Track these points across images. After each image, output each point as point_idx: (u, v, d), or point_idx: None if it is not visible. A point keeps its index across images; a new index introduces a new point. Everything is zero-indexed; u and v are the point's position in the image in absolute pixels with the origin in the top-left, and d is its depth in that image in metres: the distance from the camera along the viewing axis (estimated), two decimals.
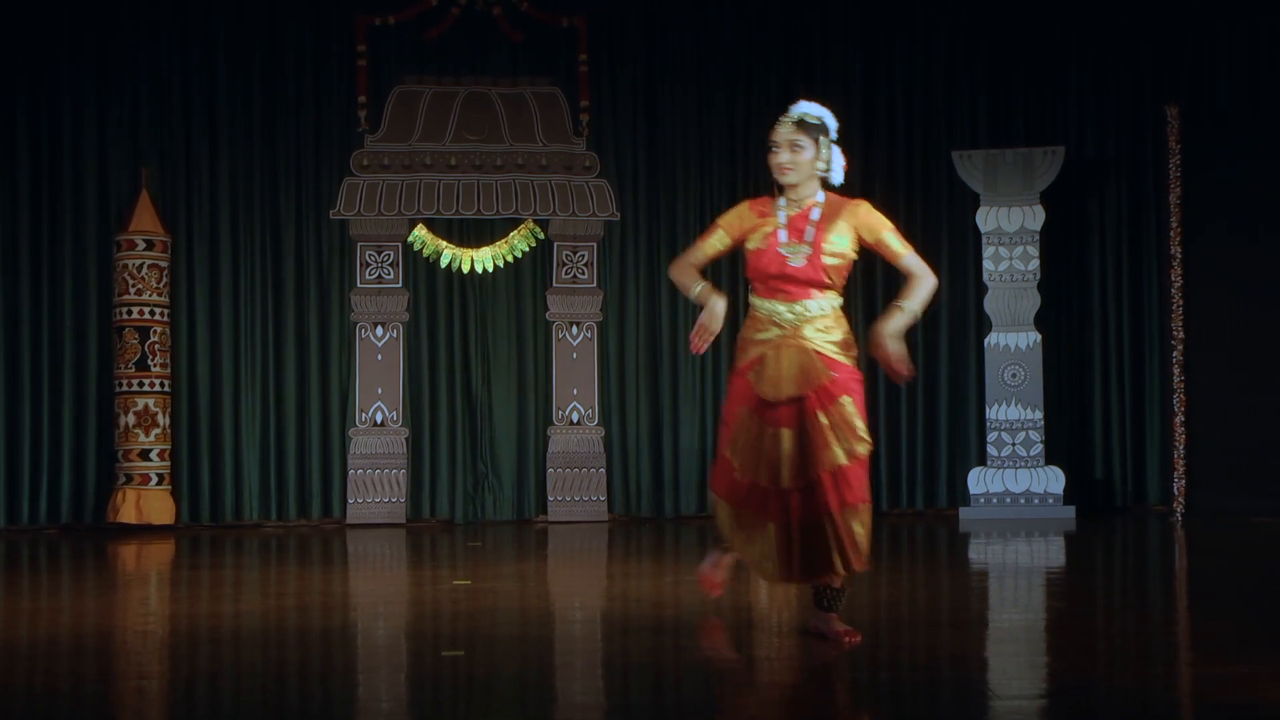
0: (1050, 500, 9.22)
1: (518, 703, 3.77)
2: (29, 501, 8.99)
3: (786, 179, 4.61)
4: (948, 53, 9.78)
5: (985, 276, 9.39)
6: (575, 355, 9.40)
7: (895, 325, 4.48)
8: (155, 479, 8.89)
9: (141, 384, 8.88)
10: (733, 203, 9.55)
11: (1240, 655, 4.18)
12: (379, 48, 9.36)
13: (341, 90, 9.34)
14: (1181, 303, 9.11)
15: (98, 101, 9.12)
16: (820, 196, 4.66)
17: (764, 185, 9.47)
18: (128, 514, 8.81)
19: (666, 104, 9.62)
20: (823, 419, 4.41)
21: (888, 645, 4.52)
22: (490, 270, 9.39)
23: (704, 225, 9.50)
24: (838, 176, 4.67)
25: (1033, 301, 9.33)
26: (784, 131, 4.64)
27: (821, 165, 4.65)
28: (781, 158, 4.61)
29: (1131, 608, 5.52)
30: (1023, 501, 9.24)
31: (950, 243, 9.75)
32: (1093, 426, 9.76)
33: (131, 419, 8.85)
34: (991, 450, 9.31)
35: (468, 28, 9.41)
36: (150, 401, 8.89)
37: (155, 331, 8.93)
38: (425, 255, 9.37)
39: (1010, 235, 9.34)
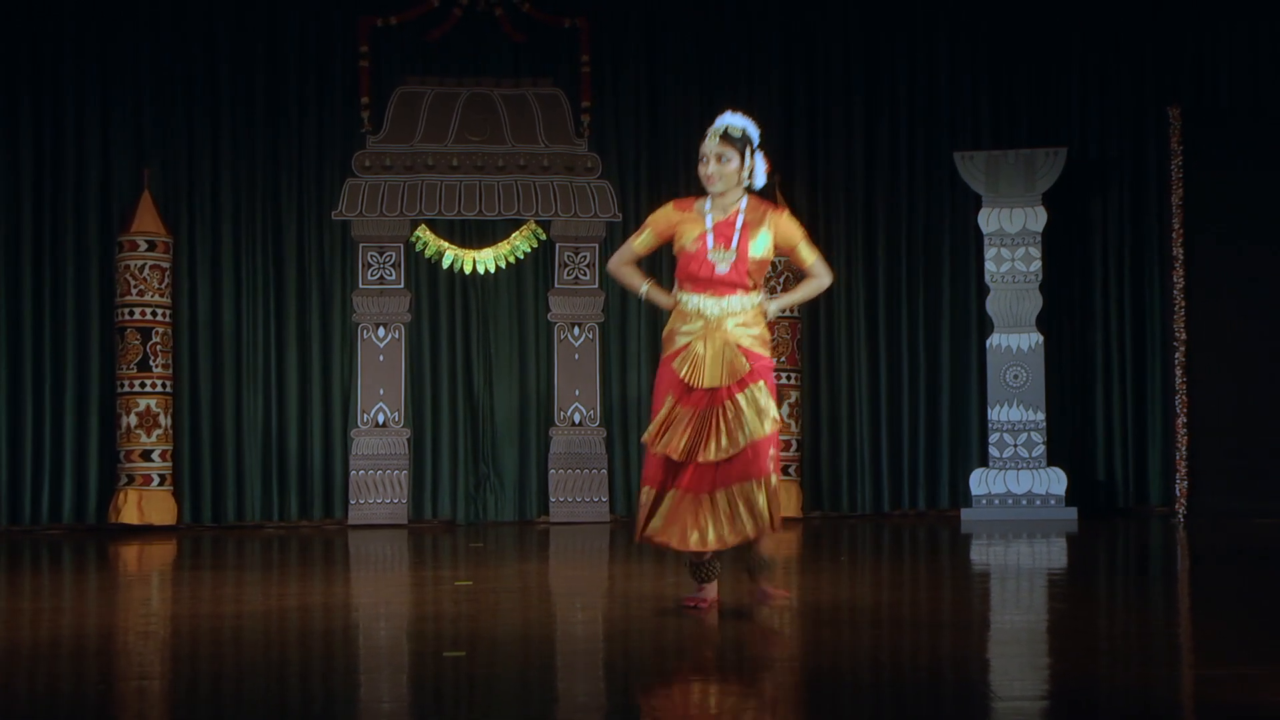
0: (1052, 501, 9.21)
1: (519, 703, 3.77)
2: (31, 502, 8.99)
3: (714, 188, 5.10)
4: (949, 53, 9.78)
5: (987, 278, 9.39)
6: (577, 356, 9.40)
7: (777, 304, 5.20)
8: (157, 480, 8.89)
9: (143, 385, 8.89)
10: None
11: (1242, 657, 4.18)
12: (381, 49, 9.36)
13: (343, 91, 9.34)
14: (1184, 304, 9.11)
15: (100, 102, 9.13)
16: (743, 203, 5.12)
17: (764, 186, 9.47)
18: (130, 515, 8.81)
19: (668, 105, 9.62)
20: (741, 400, 4.98)
21: (889, 646, 4.52)
22: (492, 271, 9.39)
23: None
24: (760, 181, 5.14)
25: (1034, 303, 9.32)
26: (711, 144, 5.11)
27: (745, 175, 5.12)
28: (709, 169, 5.09)
29: (1133, 609, 5.52)
30: (1024, 503, 9.23)
31: (952, 244, 9.75)
32: (1095, 428, 9.75)
33: (133, 419, 8.85)
34: (993, 451, 9.31)
35: (470, 28, 9.41)
36: (152, 402, 8.90)
37: (157, 332, 8.93)
38: (427, 256, 9.37)
39: (1012, 236, 9.34)
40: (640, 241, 5.25)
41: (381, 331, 9.31)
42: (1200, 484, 9.05)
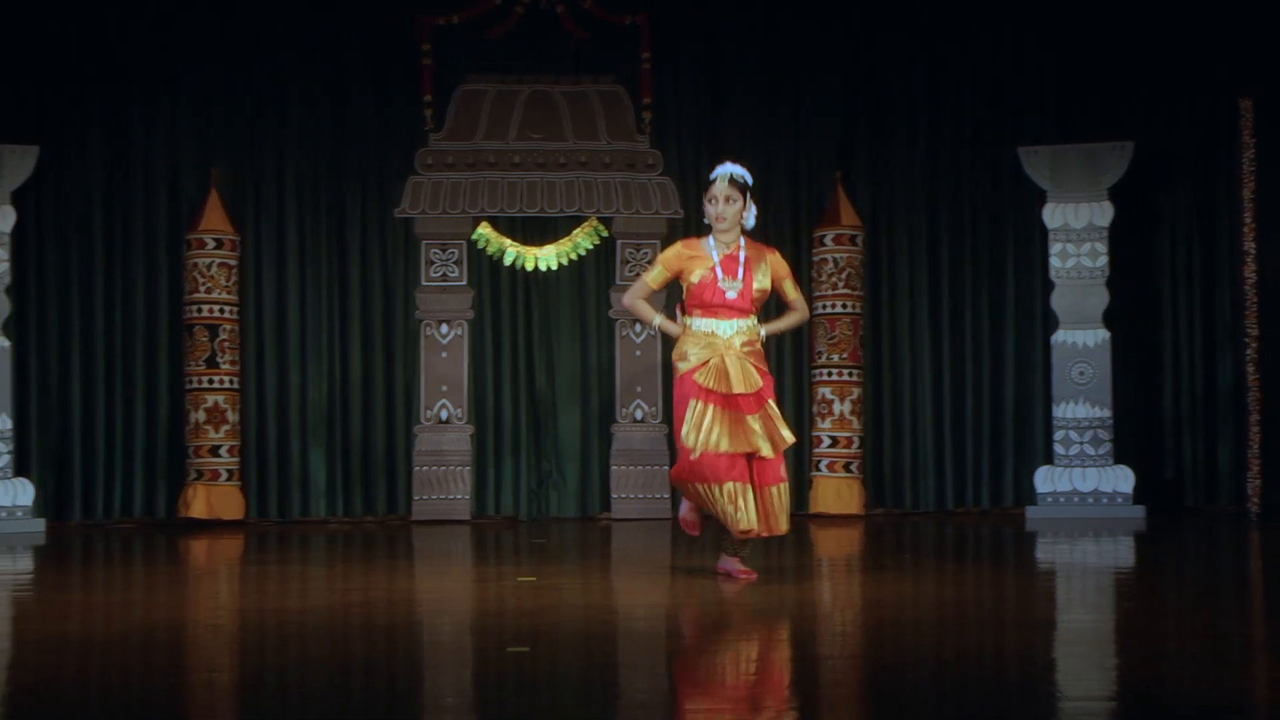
0: (1119, 500, 9.10)
1: (581, 699, 3.78)
2: (104, 496, 9.13)
3: (721, 226, 5.90)
4: (1014, 47, 9.68)
5: (1052, 273, 9.29)
6: (639, 353, 9.40)
7: (771, 327, 6.02)
8: (225, 475, 9.00)
9: (211, 381, 9.00)
10: (795, 199, 9.63)
11: None
12: (443, 47, 9.41)
13: (406, 90, 9.40)
14: (1256, 299, 8.96)
15: (169, 103, 9.24)
16: (742, 241, 5.93)
17: (824, 178, 9.46)
18: (198, 509, 8.92)
19: (729, 100, 9.60)
20: (762, 416, 5.76)
21: (953, 644, 4.49)
22: (554, 268, 9.41)
23: (766, 221, 9.57)
24: (750, 223, 5.96)
25: (1100, 298, 9.21)
26: (721, 187, 5.91)
27: (745, 216, 5.93)
28: (719, 208, 5.89)
29: (1203, 609, 5.44)
30: (1090, 501, 9.13)
31: (1016, 240, 9.66)
32: (1163, 425, 9.63)
33: (201, 415, 8.96)
34: (1059, 449, 9.21)
35: (531, 26, 9.44)
36: (220, 398, 9.00)
37: (224, 329, 9.03)
38: (489, 253, 9.40)
39: (1077, 232, 9.23)
40: (653, 277, 6.00)
41: (444, 328, 9.36)
42: (1273, 482, 8.90)
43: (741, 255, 5.88)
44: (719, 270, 5.84)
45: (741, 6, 9.62)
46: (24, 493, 8.67)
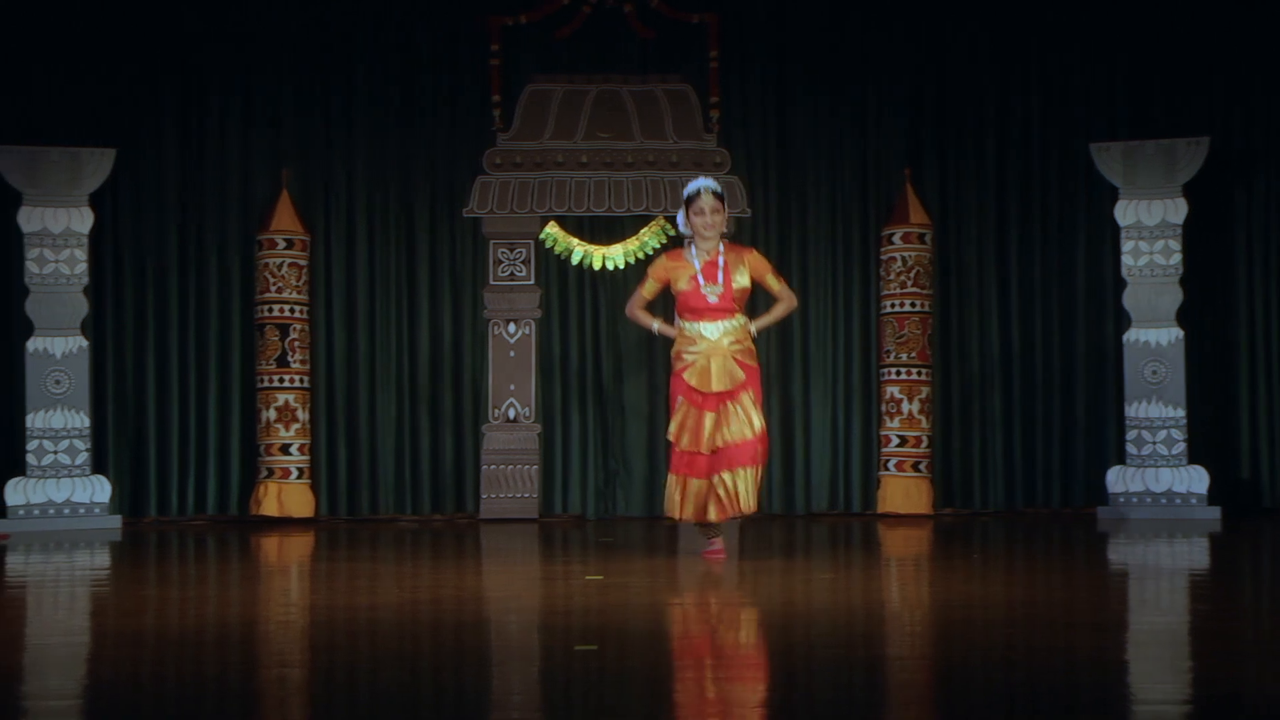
0: (1193, 500, 8.97)
1: (649, 698, 3.78)
2: (177, 493, 9.27)
3: (709, 234, 6.54)
4: (1084, 42, 9.56)
5: (1124, 271, 9.17)
6: None
7: (759, 323, 6.69)
8: (295, 473, 9.09)
9: (282, 380, 9.10)
10: (863, 197, 9.59)
11: None
12: (511, 47, 9.45)
13: (474, 90, 9.45)
14: None
15: (241, 104, 9.36)
16: (721, 247, 6.58)
17: (892, 176, 9.39)
18: (270, 507, 9.03)
19: (797, 99, 9.57)
20: (732, 408, 6.44)
21: (1022, 644, 4.44)
22: (621, 267, 9.42)
23: (835, 220, 9.55)
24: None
25: (1174, 297, 9.08)
26: (708, 200, 6.52)
27: (726, 224, 6.72)
28: (707, 220, 6.52)
29: None
30: (1164, 501, 9.00)
31: (1087, 237, 9.55)
32: (1239, 425, 9.48)
33: (272, 414, 9.07)
34: (1131, 449, 9.09)
35: (598, 26, 9.46)
36: (290, 397, 9.10)
37: (295, 329, 9.13)
38: (557, 252, 9.43)
39: (1150, 229, 9.10)
40: (647, 289, 6.72)
41: (512, 327, 9.40)
42: None
43: (721, 260, 6.54)
44: (700, 277, 6.52)
45: (809, 4, 9.59)
46: (101, 490, 8.82)
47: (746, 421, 6.44)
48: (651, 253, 9.47)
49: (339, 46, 9.42)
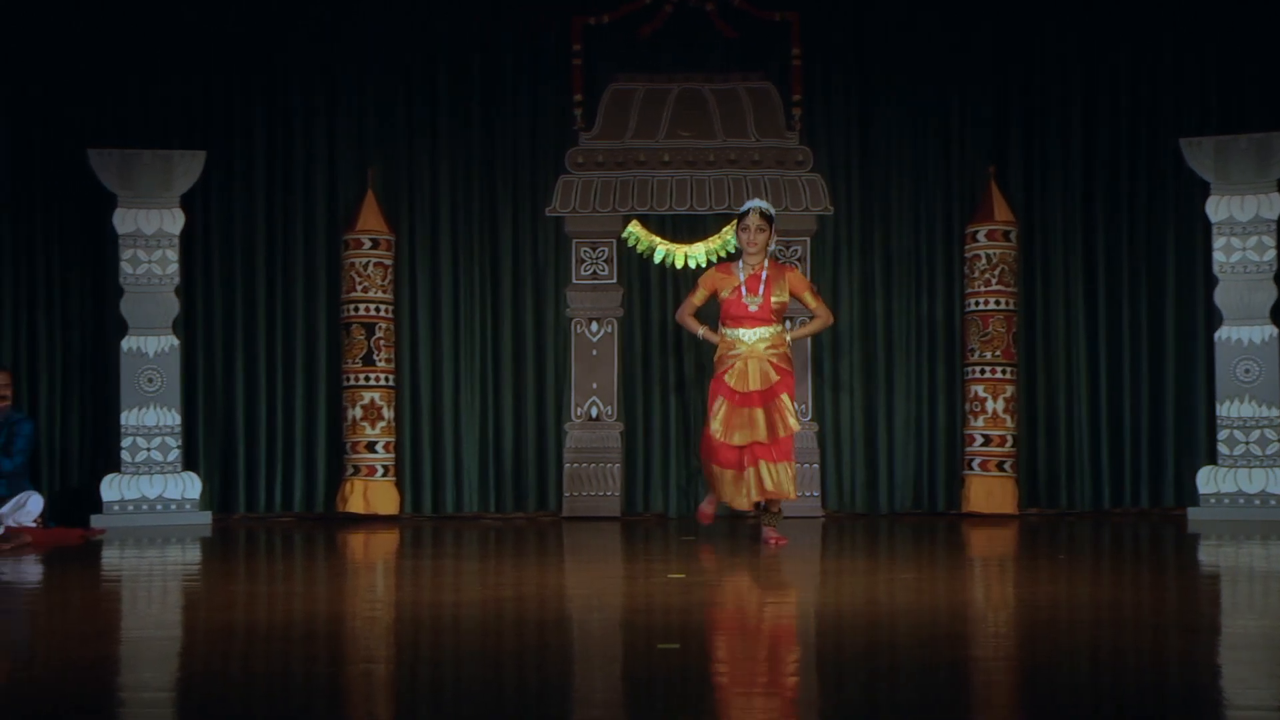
0: None
1: (732, 696, 3.78)
2: (265, 490, 9.41)
3: (751, 251, 7.26)
4: (1174, 34, 9.40)
5: (1215, 268, 9.00)
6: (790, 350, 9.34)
7: (795, 334, 7.55)
8: (381, 470, 9.20)
9: (367, 378, 9.20)
10: (946, 195, 9.51)
11: None
12: (593, 47, 9.48)
13: (557, 90, 9.50)
14: None
15: (327, 105, 9.47)
16: (766, 263, 7.29)
17: (976, 173, 9.30)
18: (355, 504, 9.14)
19: (879, 97, 9.50)
20: (771, 408, 7.17)
21: (1109, 646, 4.39)
22: (703, 265, 9.35)
23: (918, 217, 9.48)
24: (773, 248, 7.42)
25: (1268, 293, 8.91)
26: (754, 220, 7.25)
27: (771, 244, 7.34)
28: (752, 237, 7.25)
29: None
30: (1257, 503, 8.83)
31: (1177, 234, 9.39)
32: None
33: (358, 412, 9.17)
34: (1223, 449, 8.92)
35: (680, 25, 9.46)
36: (376, 395, 9.20)
37: (380, 327, 9.23)
38: (639, 251, 9.41)
39: (1243, 225, 8.93)
40: (698, 296, 7.43)
41: (594, 326, 9.43)
42: None
43: (764, 275, 7.26)
44: (744, 289, 7.25)
45: (891, 3, 9.51)
46: (191, 486, 8.98)
47: (782, 422, 7.17)
48: (733, 251, 9.44)
49: (422, 46, 9.51)
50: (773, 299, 7.23)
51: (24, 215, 9.27)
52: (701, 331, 7.43)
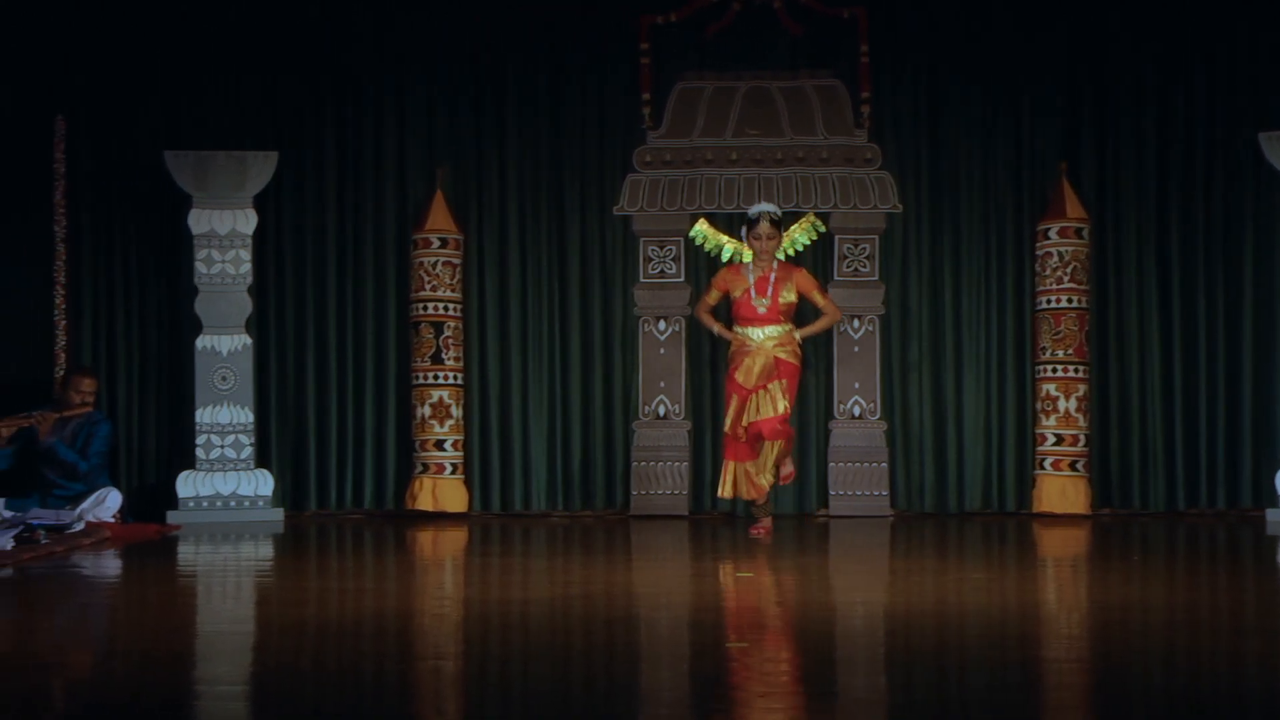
0: None
1: (799, 696, 3.77)
2: (336, 488, 9.49)
3: (762, 257, 7.78)
4: (1251, 25, 9.23)
5: None
6: (857, 349, 9.32)
7: (804, 332, 7.97)
8: (449, 468, 9.25)
9: (436, 377, 9.26)
10: (1017, 192, 9.42)
11: None
12: (661, 46, 9.48)
13: (624, 89, 9.50)
14: None
15: (396, 105, 9.54)
16: (775, 265, 7.80)
17: (1047, 169, 9.19)
18: (425, 501, 9.20)
19: (948, 93, 9.42)
20: (762, 394, 7.66)
21: (1185, 650, 4.33)
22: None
23: (988, 215, 9.40)
24: (781, 254, 7.92)
25: None
26: (765, 227, 7.73)
27: (779, 248, 7.85)
28: (763, 244, 7.76)
29: None
30: None
31: (1254, 229, 9.23)
32: None
33: (427, 410, 9.24)
34: None
35: (747, 23, 9.43)
36: (444, 393, 9.26)
37: (449, 326, 9.29)
38: (706, 249, 9.41)
39: None
40: (711, 296, 7.99)
41: (662, 325, 9.44)
42: None
43: (772, 276, 7.74)
44: (753, 290, 7.74)
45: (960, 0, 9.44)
46: (264, 484, 9.09)
47: (770, 404, 7.61)
48: (801, 249, 9.40)
49: (490, 45, 9.54)
50: (780, 300, 7.74)
51: (103, 218, 9.42)
52: (717, 329, 7.99)
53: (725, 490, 7.90)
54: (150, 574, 6.66)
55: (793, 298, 7.77)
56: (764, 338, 7.73)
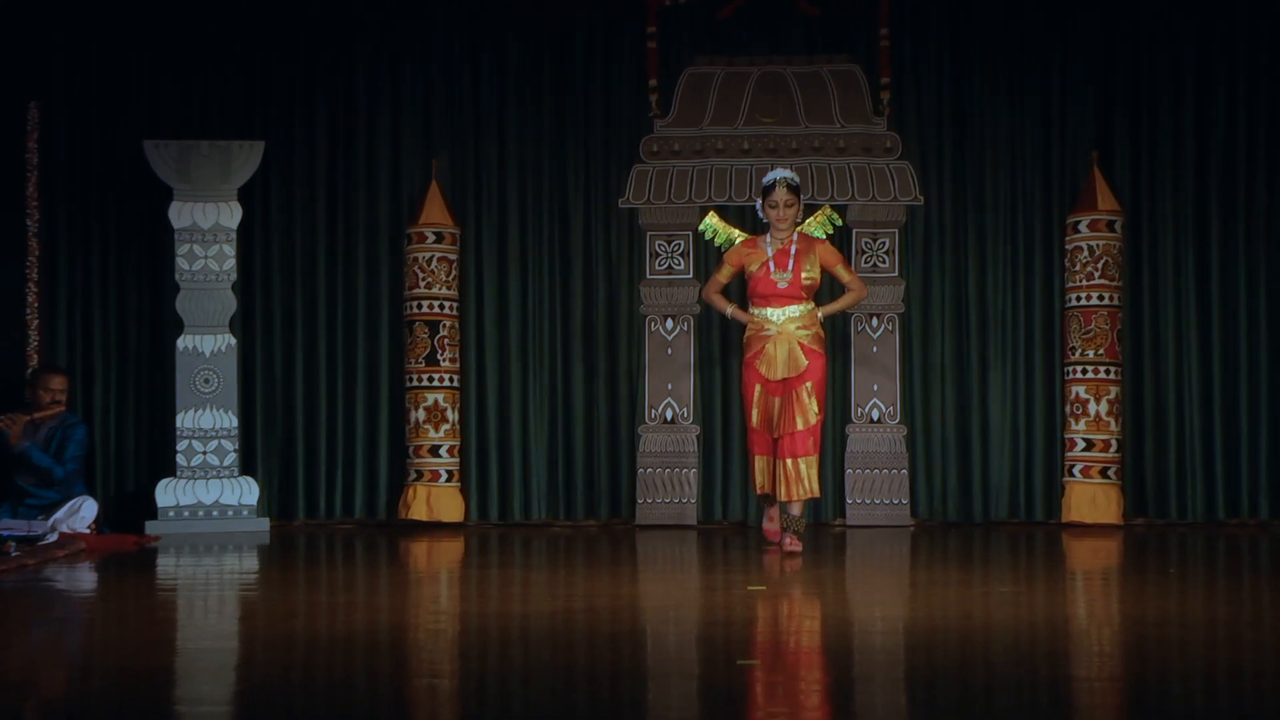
0: None
1: (814, 716, 3.76)
2: (325, 496, 9.49)
3: (782, 227, 7.45)
4: None
5: None
6: (875, 349, 9.31)
7: (827, 309, 7.64)
8: (445, 476, 9.25)
9: (431, 379, 9.26)
10: (1046, 183, 9.41)
11: None
12: (669, 29, 9.48)
13: (630, 75, 9.50)
14: None
15: (390, 94, 9.54)
16: (795, 237, 7.47)
17: (1078, 159, 9.18)
18: (419, 510, 9.20)
19: (973, 79, 9.40)
20: (793, 397, 7.33)
21: (1226, 667, 4.31)
22: None
23: (1014, 207, 9.39)
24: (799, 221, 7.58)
25: None
26: (781, 194, 7.41)
27: (799, 216, 7.52)
28: (780, 212, 7.43)
29: None
30: None
31: None
32: None
33: (421, 414, 9.24)
34: None
35: (761, 5, 9.43)
36: (440, 396, 9.26)
37: (444, 325, 9.29)
38: (717, 244, 9.39)
39: None
40: (723, 274, 7.70)
41: (670, 324, 9.43)
42: None
43: (793, 249, 7.42)
44: (771, 265, 7.40)
45: None
46: (249, 492, 9.09)
47: (801, 414, 7.33)
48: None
49: (491, 31, 9.55)
50: (803, 275, 7.41)
51: (79, 211, 9.43)
52: (730, 310, 7.65)
53: (764, 484, 7.65)
54: (128, 587, 6.65)
55: (816, 274, 7.48)
56: (785, 319, 7.44)
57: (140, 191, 9.30)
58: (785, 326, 7.41)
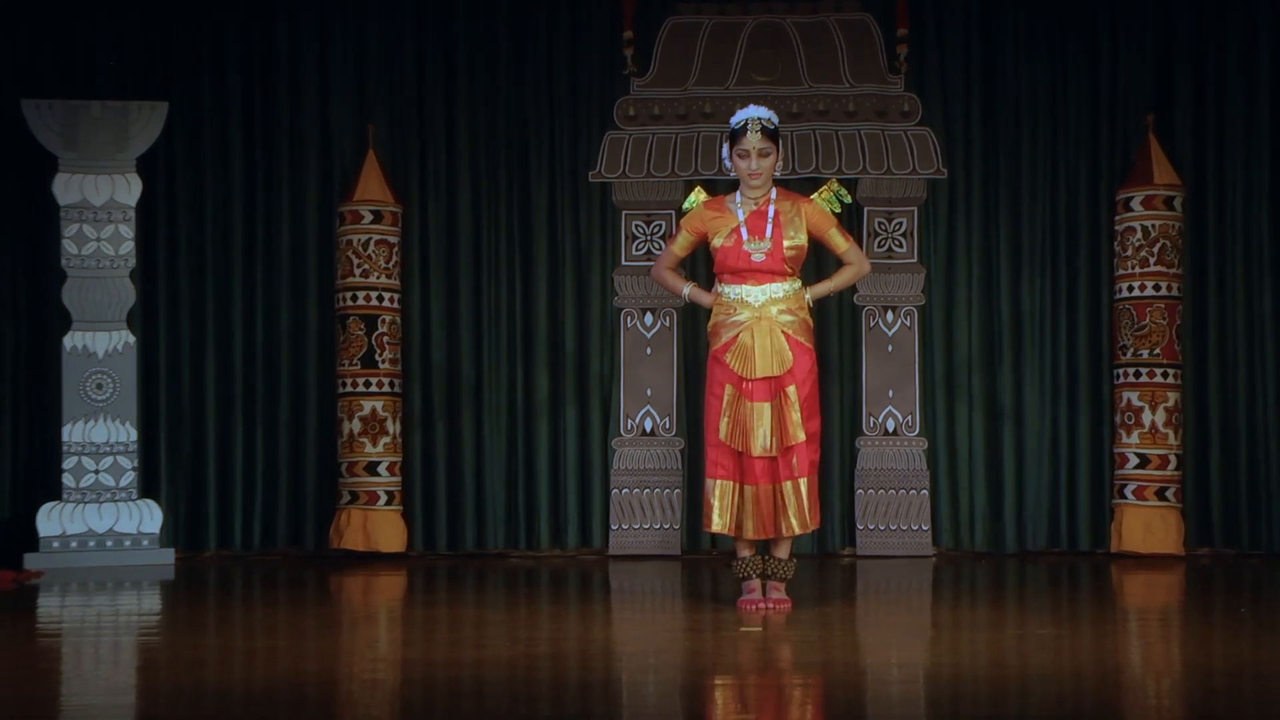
0: None
1: None
2: (242, 522, 9.46)
3: (756, 183, 6.62)
4: None
5: None
6: (890, 348, 9.33)
7: (817, 289, 6.81)
8: (384, 498, 9.23)
9: (368, 384, 9.24)
10: (1092, 153, 9.42)
11: None
12: None
13: (602, 25, 9.50)
14: None
15: (319, 49, 9.51)
16: (774, 194, 6.68)
17: (1131, 125, 9.21)
18: (353, 539, 9.17)
19: (1006, 31, 9.42)
20: (773, 406, 6.53)
21: None
22: None
23: (1055, 181, 9.41)
24: (778, 172, 6.80)
25: None
26: (754, 139, 6.57)
27: (780, 166, 6.77)
28: (753, 165, 6.58)
29: None
30: None
31: None
32: None
33: (356, 425, 9.21)
34: None
35: None
36: (378, 404, 9.23)
37: (384, 320, 9.26)
38: None
39: None
40: (679, 244, 6.86)
41: (649, 318, 9.43)
42: None
43: (771, 210, 6.64)
44: (744, 230, 6.62)
45: None
46: (151, 518, 9.05)
47: (791, 427, 6.56)
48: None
49: None
50: (785, 243, 6.60)
51: None
52: (687, 290, 6.88)
53: (716, 522, 6.69)
54: (3, 633, 6.61)
55: (802, 240, 6.62)
56: (764, 300, 6.61)
57: (18, 161, 9.26)
58: (765, 310, 6.59)
